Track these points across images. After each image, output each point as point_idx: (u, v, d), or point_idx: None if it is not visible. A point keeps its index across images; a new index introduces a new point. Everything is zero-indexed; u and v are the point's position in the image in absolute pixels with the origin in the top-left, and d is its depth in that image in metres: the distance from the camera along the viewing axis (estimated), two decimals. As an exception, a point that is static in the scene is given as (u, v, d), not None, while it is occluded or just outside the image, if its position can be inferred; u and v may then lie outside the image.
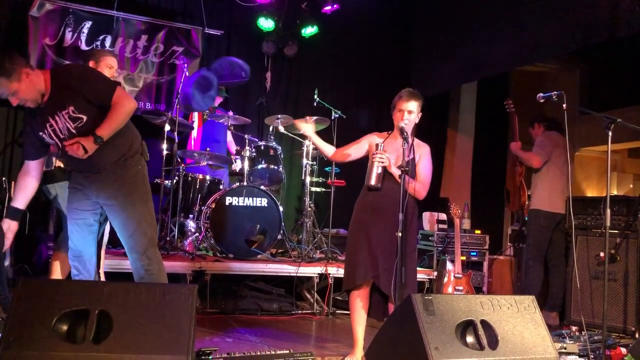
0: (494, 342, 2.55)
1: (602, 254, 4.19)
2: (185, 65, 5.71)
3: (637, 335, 4.13)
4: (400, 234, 3.11)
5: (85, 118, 2.82)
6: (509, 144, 5.35)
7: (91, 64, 3.65)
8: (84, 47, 6.10)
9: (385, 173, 3.33)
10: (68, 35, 6.03)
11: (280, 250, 5.58)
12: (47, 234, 5.48)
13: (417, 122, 3.45)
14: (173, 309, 2.31)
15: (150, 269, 3.03)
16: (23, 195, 3.01)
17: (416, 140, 3.40)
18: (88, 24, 6.10)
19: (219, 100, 6.07)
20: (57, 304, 2.26)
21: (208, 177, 5.56)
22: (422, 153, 3.43)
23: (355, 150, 3.54)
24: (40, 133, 2.91)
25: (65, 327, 2.24)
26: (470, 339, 2.57)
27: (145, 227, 3.05)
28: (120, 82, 5.81)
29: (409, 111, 3.37)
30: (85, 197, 3.04)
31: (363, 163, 3.52)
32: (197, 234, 5.23)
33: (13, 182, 5.31)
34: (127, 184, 3.03)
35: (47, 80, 2.82)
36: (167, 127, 5.09)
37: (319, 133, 5.76)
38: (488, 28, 6.14)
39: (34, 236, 5.68)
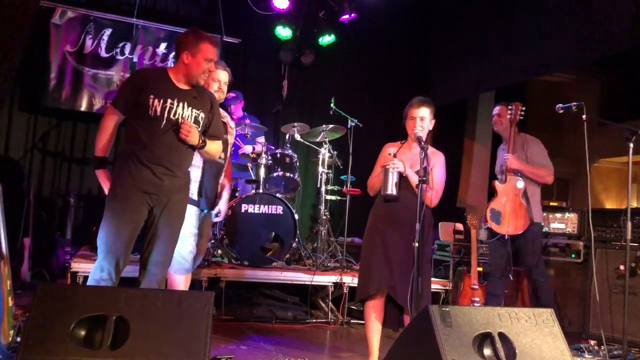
0: (512, 356, 2.51)
1: (622, 267, 4.13)
2: (203, 72, 5.74)
3: (657, 351, 4.05)
4: (417, 244, 3.09)
5: (199, 128, 3.14)
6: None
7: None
8: (103, 54, 6.20)
9: (401, 182, 3.31)
10: (88, 42, 6.13)
11: (295, 258, 5.57)
12: (65, 239, 5.53)
13: (430, 128, 3.43)
14: (190, 316, 2.31)
15: (162, 286, 3.11)
16: (110, 144, 3.09)
17: (431, 149, 3.39)
18: (108, 32, 6.20)
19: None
20: (75, 310, 2.27)
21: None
22: (437, 161, 3.41)
23: None
24: (152, 96, 2.98)
25: (83, 333, 2.25)
26: (487, 351, 2.53)
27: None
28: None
29: (421, 118, 3.36)
30: (144, 201, 3.01)
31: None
32: (212, 241, 5.24)
33: (32, 185, 5.42)
34: (186, 201, 3.23)
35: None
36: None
37: (335, 141, 5.85)
38: (506, 37, 6.11)
39: (52, 240, 5.75)
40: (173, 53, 6.33)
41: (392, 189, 3.26)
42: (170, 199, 3.07)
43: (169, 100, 3.01)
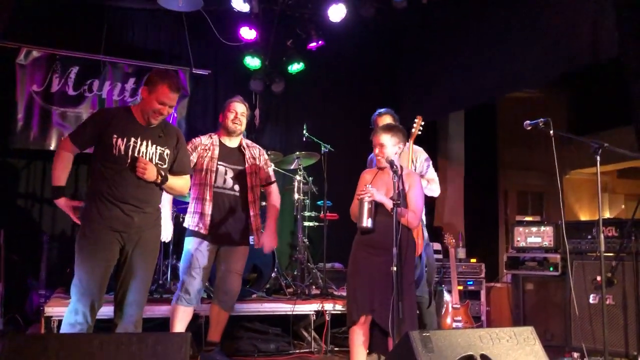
0: (495, 377, 2.50)
1: (598, 278, 4.17)
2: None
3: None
4: (395, 269, 3.08)
5: (165, 165, 3.19)
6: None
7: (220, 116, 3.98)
8: (71, 92, 6.11)
9: (379, 209, 3.32)
10: (55, 81, 6.05)
11: (275, 288, 5.50)
12: (39, 281, 5.39)
13: (397, 152, 3.45)
14: (165, 359, 2.25)
15: (139, 327, 3.06)
16: (67, 173, 3.10)
17: (406, 170, 3.42)
18: (75, 69, 6.13)
19: None
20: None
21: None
22: (412, 182, 3.43)
23: None
24: (115, 135, 3.00)
25: (54, 383, 2.18)
26: (471, 374, 2.52)
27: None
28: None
29: (381, 145, 3.41)
30: (115, 239, 3.01)
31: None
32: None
33: (2, 229, 5.27)
34: (158, 237, 3.25)
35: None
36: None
37: (309, 168, 5.84)
38: (472, 57, 6.22)
39: (25, 285, 5.59)
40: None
41: (366, 222, 3.30)
42: (141, 237, 3.05)
43: (132, 139, 3.03)
